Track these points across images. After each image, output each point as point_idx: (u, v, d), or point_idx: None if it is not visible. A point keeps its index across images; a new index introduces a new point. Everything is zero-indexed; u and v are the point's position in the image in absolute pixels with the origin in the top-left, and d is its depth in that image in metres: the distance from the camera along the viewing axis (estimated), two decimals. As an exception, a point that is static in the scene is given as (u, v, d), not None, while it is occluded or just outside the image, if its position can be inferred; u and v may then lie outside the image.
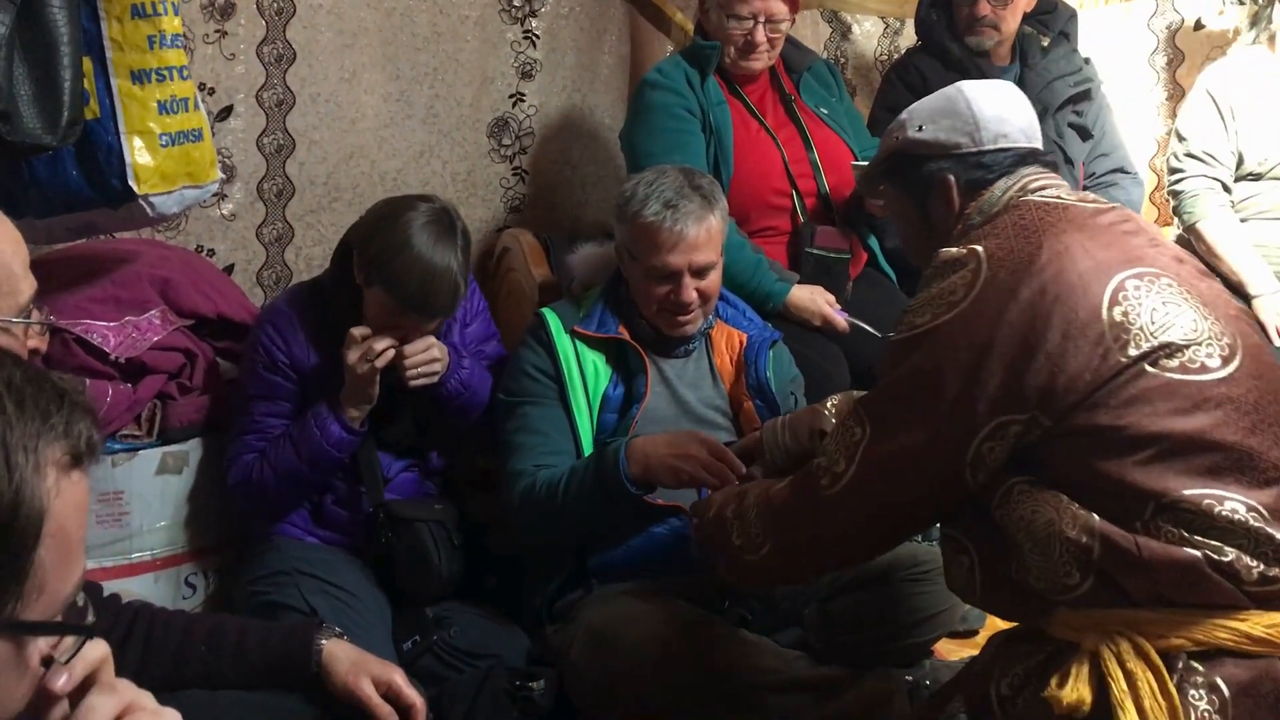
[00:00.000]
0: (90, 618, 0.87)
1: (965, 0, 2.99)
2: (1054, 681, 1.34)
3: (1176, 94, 3.56)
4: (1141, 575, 1.32)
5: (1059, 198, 1.53)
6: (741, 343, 2.30)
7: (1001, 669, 1.45)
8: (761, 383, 2.23)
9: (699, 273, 2.15)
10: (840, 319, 2.59)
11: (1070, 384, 1.35)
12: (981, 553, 1.47)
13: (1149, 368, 1.34)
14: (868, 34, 3.66)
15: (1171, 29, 3.64)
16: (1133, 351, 1.34)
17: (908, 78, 3.07)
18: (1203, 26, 3.56)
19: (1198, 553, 1.30)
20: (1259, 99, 3.06)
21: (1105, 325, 1.36)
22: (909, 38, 3.60)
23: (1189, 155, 3.09)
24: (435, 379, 2.16)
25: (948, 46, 3.02)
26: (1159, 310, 1.37)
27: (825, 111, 2.84)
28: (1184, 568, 1.30)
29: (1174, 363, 1.35)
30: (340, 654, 1.53)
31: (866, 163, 2.65)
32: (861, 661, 2.05)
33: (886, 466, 1.45)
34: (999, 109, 1.62)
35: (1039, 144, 1.64)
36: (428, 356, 2.14)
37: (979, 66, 3.00)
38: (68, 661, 0.86)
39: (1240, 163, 3.09)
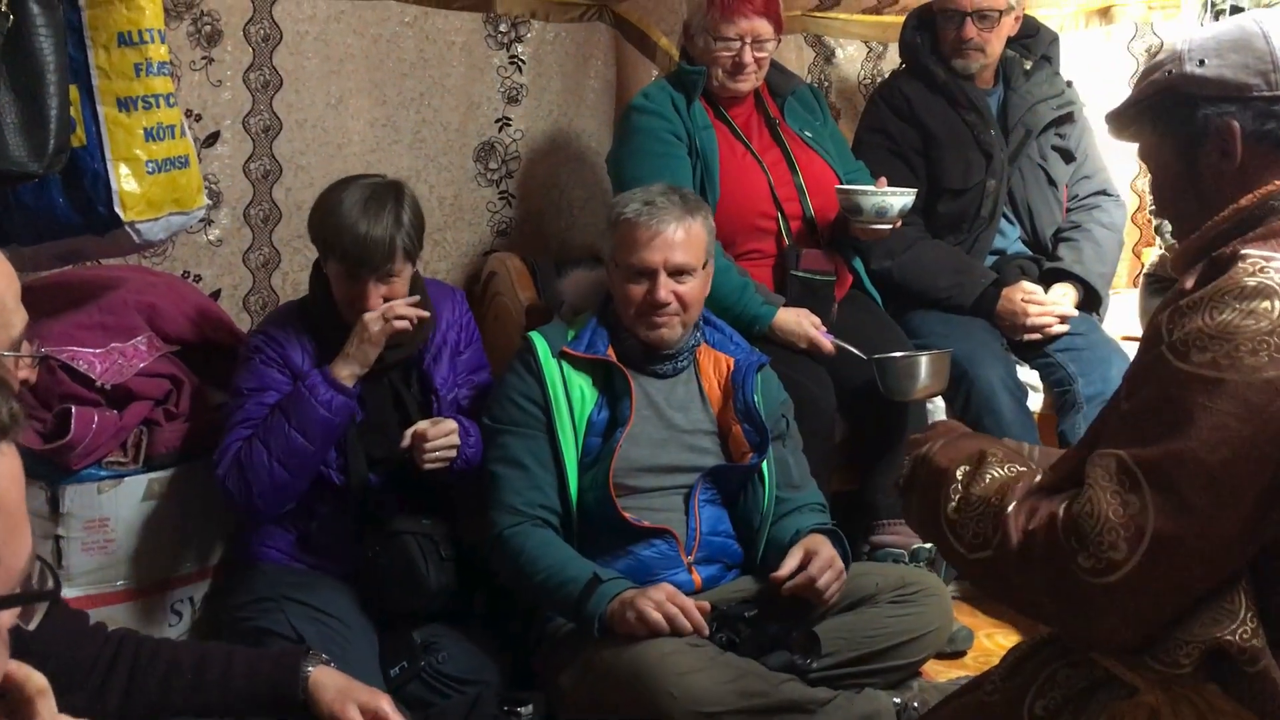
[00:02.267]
0: (50, 584, 0.85)
1: (952, 24, 3.01)
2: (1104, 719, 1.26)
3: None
4: (1256, 697, 1.18)
5: None
6: (729, 367, 2.31)
7: (1038, 690, 1.36)
8: (750, 407, 2.24)
9: (676, 274, 2.17)
10: (826, 341, 2.60)
11: None
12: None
13: None
14: (851, 58, 3.69)
15: (1151, 52, 3.68)
16: None
17: (892, 100, 3.10)
18: (1182, 49, 3.59)
19: None
20: None
21: None
22: (892, 61, 3.63)
23: None
24: (449, 464, 2.18)
25: (932, 69, 3.05)
26: None
27: (810, 135, 2.86)
28: None
29: None
30: (327, 681, 1.52)
31: (851, 186, 2.71)
32: (849, 684, 2.06)
33: (1184, 552, 1.16)
34: None
35: None
36: (449, 441, 2.15)
37: (963, 89, 3.02)
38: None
39: None
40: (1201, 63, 1.34)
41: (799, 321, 2.62)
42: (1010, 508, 1.28)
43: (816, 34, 3.65)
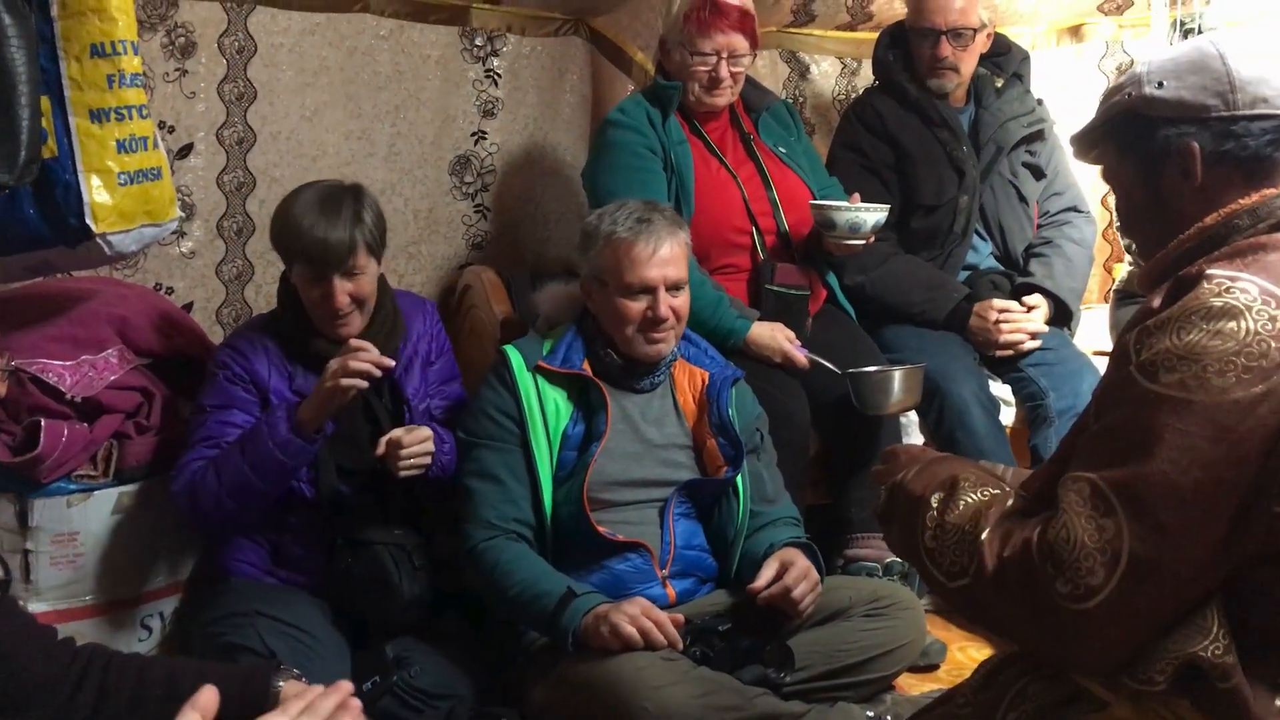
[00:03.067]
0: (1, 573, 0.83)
1: (927, 43, 3.03)
2: None
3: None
4: (1224, 711, 1.19)
5: None
6: (704, 381, 2.31)
7: (1011, 702, 1.37)
8: (724, 421, 2.25)
9: (672, 289, 2.20)
10: (800, 355, 2.61)
11: None
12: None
13: None
14: (825, 74, 3.72)
15: (1121, 69, 3.72)
16: None
17: (865, 117, 3.12)
18: (1151, 68, 3.64)
19: None
20: None
21: None
22: (865, 78, 3.65)
23: None
24: (424, 471, 2.16)
25: (905, 86, 3.07)
26: None
27: (784, 151, 2.88)
28: None
29: None
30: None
31: (824, 201, 2.73)
32: (823, 697, 2.06)
33: (1160, 575, 1.16)
34: (1261, 69, 1.33)
35: None
36: (424, 449, 2.14)
37: (935, 106, 3.05)
38: None
39: None
40: (1160, 85, 1.36)
41: (773, 336, 2.63)
42: (984, 534, 1.28)
43: (791, 50, 3.68)
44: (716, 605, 2.19)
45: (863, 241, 2.69)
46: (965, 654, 2.51)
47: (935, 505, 1.35)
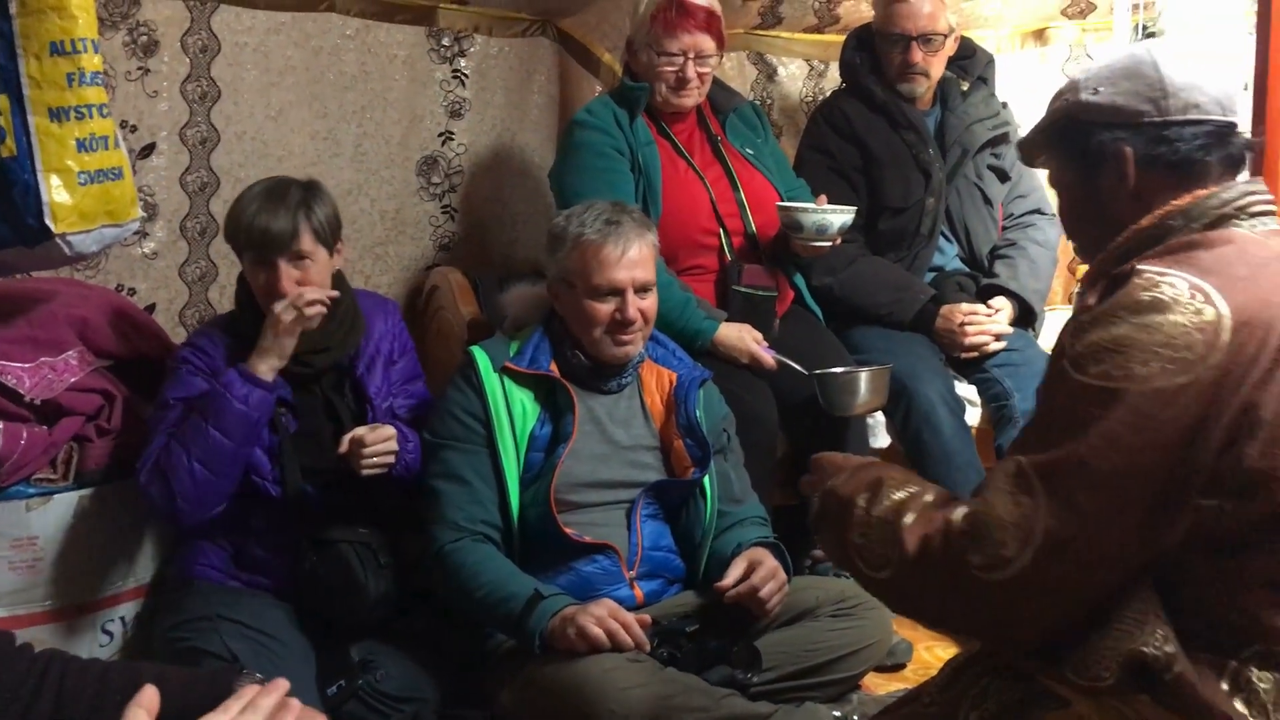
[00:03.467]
0: None
1: (896, 48, 3.04)
2: None
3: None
4: (1177, 700, 1.21)
5: None
6: (671, 382, 2.31)
7: (972, 701, 1.39)
8: (692, 422, 2.25)
9: (640, 291, 2.19)
10: (768, 356, 2.62)
11: (1274, 479, 1.18)
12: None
13: None
14: (793, 76, 3.73)
15: (1084, 74, 3.76)
16: None
17: (832, 119, 3.13)
18: (1114, 72, 3.67)
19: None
20: None
21: None
22: (833, 80, 3.67)
23: None
24: (388, 469, 2.16)
25: (871, 89, 3.09)
26: None
27: (751, 152, 2.89)
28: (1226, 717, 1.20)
29: None
30: None
31: (791, 203, 2.73)
32: (790, 698, 2.07)
33: (1072, 554, 1.20)
34: (1192, 73, 1.38)
35: (1235, 116, 1.40)
36: (387, 448, 2.14)
37: (902, 109, 3.06)
38: None
39: None
40: (1095, 91, 1.41)
41: (741, 337, 2.63)
42: (906, 520, 1.33)
43: (759, 52, 3.69)
44: (684, 606, 2.19)
45: (829, 243, 2.70)
46: (932, 653, 2.52)
47: (862, 504, 1.39)
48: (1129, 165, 1.39)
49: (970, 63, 3.19)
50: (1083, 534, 1.19)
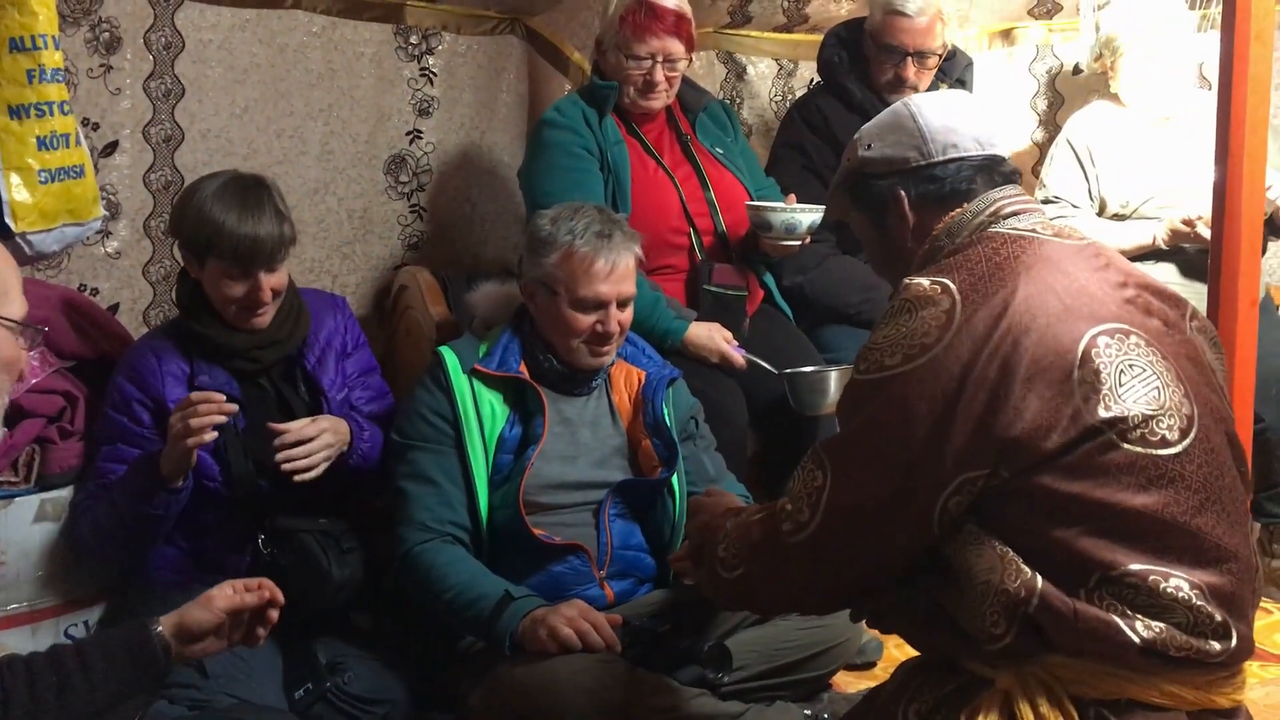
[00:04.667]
0: None
1: (890, 61, 3.04)
2: (964, 716, 1.36)
3: (1056, 135, 3.71)
4: (1070, 637, 1.33)
5: (1033, 230, 1.49)
6: (640, 380, 2.31)
7: (910, 695, 1.45)
8: (659, 420, 2.24)
9: (622, 304, 2.19)
10: (738, 355, 2.62)
11: (1035, 440, 1.33)
12: (928, 583, 1.44)
13: (1115, 439, 1.33)
14: (762, 75, 3.74)
15: (1051, 73, 3.79)
16: (1102, 414, 1.33)
17: (809, 116, 3.13)
18: (1080, 71, 3.71)
19: (1134, 636, 1.30)
20: (1114, 146, 3.24)
21: (1075, 384, 1.34)
22: (802, 79, 3.68)
23: (1045, 200, 3.25)
24: (321, 469, 2.12)
25: (850, 88, 3.09)
26: (1127, 374, 1.35)
27: (721, 151, 2.89)
28: (1117, 643, 1.31)
29: (1136, 434, 1.34)
30: (178, 620, 1.52)
31: (760, 202, 2.74)
32: (760, 697, 2.07)
33: (851, 519, 1.41)
34: (947, 118, 1.57)
35: (998, 150, 1.58)
36: (303, 451, 2.10)
37: (878, 109, 3.06)
38: None
39: (1104, 206, 3.23)
40: (869, 146, 1.61)
41: (711, 336, 2.63)
42: (753, 517, 1.54)
43: (729, 51, 3.69)
44: (655, 606, 2.19)
45: (798, 242, 2.71)
46: (902, 650, 2.51)
47: (728, 525, 1.58)
48: (905, 205, 1.57)
49: (950, 65, 3.21)
50: (855, 497, 1.40)
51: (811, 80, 3.55)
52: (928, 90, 3.13)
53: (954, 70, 3.21)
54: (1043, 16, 3.79)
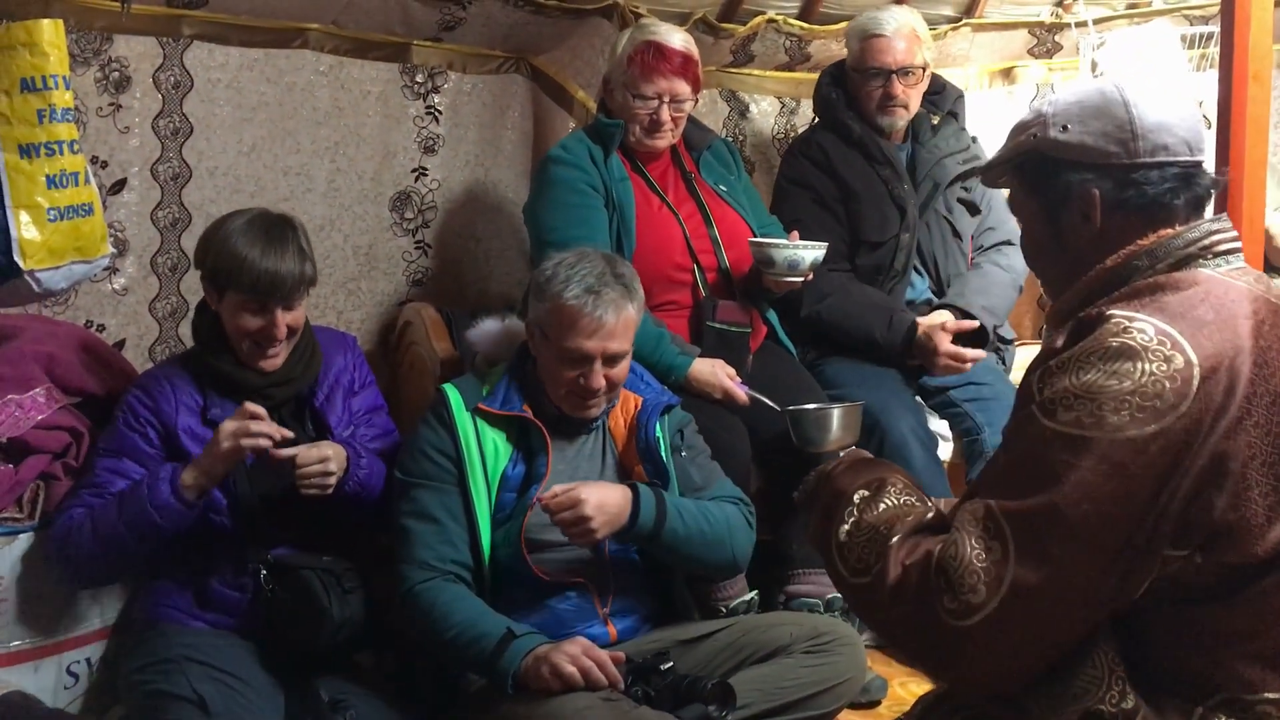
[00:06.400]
0: None
1: (877, 82, 3.07)
2: None
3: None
4: None
5: (1248, 284, 1.31)
6: (636, 405, 2.30)
7: None
8: (650, 445, 2.24)
9: (610, 360, 2.15)
10: (741, 392, 2.62)
11: (1246, 533, 1.20)
12: None
13: None
14: (764, 113, 3.77)
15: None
16: None
17: (810, 153, 3.16)
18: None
19: None
20: None
21: None
22: (804, 117, 3.71)
23: None
24: (329, 490, 2.13)
25: (848, 124, 3.12)
26: None
27: (724, 189, 2.90)
28: None
29: None
30: None
31: (763, 239, 2.74)
32: (764, 736, 2.06)
33: (1041, 602, 1.19)
34: (1162, 113, 1.36)
35: (1202, 155, 1.39)
36: (321, 468, 2.11)
37: (877, 144, 3.10)
38: None
39: None
40: (1065, 128, 1.39)
41: (714, 372, 2.64)
42: (895, 539, 1.31)
43: (731, 89, 3.72)
44: (658, 643, 2.17)
45: (801, 279, 2.71)
46: (906, 689, 2.52)
47: (857, 502, 1.38)
48: (1096, 208, 1.37)
49: (940, 97, 3.24)
50: (1050, 582, 1.19)
51: (813, 118, 3.58)
52: (916, 114, 3.14)
53: (944, 103, 3.24)
54: (1042, 56, 3.82)
